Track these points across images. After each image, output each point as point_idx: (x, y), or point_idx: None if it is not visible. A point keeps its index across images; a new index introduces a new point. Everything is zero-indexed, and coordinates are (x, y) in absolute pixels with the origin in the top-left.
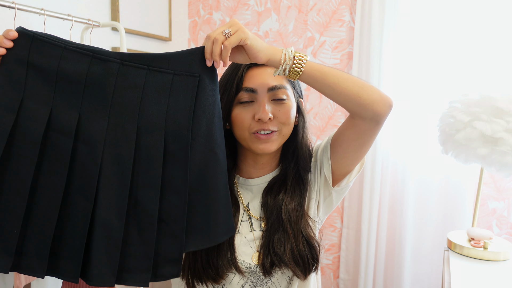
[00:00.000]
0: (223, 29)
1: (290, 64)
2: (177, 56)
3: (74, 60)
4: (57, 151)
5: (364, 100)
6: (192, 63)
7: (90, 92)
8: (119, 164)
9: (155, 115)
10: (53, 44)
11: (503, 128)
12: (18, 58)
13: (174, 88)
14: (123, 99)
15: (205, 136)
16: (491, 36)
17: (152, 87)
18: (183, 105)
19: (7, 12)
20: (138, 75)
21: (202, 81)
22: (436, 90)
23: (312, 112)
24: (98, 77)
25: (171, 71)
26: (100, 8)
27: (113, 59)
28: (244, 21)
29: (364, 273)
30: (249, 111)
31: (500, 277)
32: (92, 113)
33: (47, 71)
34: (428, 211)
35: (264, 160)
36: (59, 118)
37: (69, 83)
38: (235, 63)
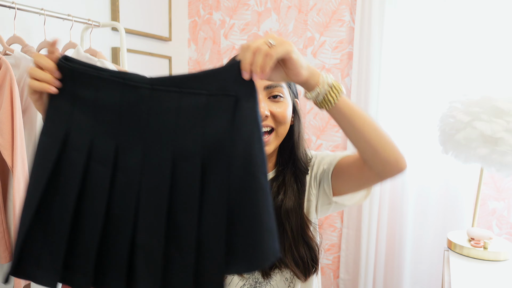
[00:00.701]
0: (266, 40)
1: (326, 90)
2: (210, 74)
3: (108, 89)
4: (98, 180)
5: (380, 156)
6: (227, 80)
7: (125, 120)
8: (157, 191)
9: (190, 140)
10: (89, 74)
11: (503, 128)
12: (63, 90)
13: (209, 111)
14: (158, 126)
15: (244, 159)
16: (491, 36)
17: (186, 111)
18: (219, 128)
19: (7, 12)
20: (171, 100)
21: (239, 100)
22: (436, 90)
23: (312, 112)
24: (131, 105)
25: (204, 92)
26: (100, 8)
27: (143, 85)
28: (244, 21)
29: (364, 273)
30: None
31: (500, 277)
32: (128, 141)
33: (86, 101)
34: (428, 211)
35: None
36: (99, 148)
37: (106, 112)
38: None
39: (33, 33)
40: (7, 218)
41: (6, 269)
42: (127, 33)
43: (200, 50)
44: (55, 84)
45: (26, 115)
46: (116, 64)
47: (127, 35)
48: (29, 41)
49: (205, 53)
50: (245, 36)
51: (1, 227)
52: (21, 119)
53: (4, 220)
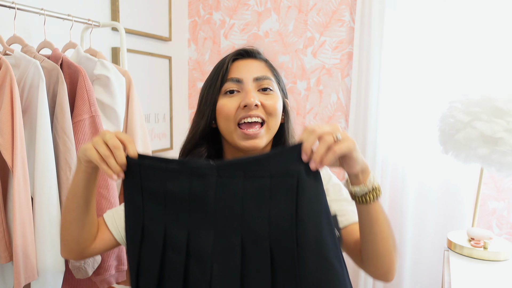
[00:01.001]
0: (333, 132)
1: (369, 190)
2: (272, 157)
3: (176, 179)
4: (173, 267)
5: (377, 261)
6: (289, 162)
7: (195, 208)
8: (228, 276)
9: (257, 224)
10: (157, 168)
11: (503, 128)
12: (133, 184)
13: (273, 193)
14: (225, 211)
15: (314, 242)
16: (491, 36)
17: (251, 195)
18: (284, 210)
19: (7, 12)
20: (236, 185)
21: (302, 181)
22: (436, 90)
23: (312, 112)
24: (199, 193)
25: (267, 175)
26: (100, 8)
27: (209, 173)
28: (244, 21)
29: (364, 273)
30: (235, 100)
31: (500, 277)
32: (199, 228)
33: (157, 193)
34: (428, 211)
35: None
36: (172, 236)
37: (176, 201)
38: (221, 59)
39: (33, 33)
40: (7, 218)
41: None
42: (127, 33)
43: (200, 50)
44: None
45: (26, 115)
46: (116, 64)
47: (127, 35)
48: (29, 41)
49: (205, 53)
50: (245, 36)
51: (1, 227)
52: (21, 119)
53: (4, 220)
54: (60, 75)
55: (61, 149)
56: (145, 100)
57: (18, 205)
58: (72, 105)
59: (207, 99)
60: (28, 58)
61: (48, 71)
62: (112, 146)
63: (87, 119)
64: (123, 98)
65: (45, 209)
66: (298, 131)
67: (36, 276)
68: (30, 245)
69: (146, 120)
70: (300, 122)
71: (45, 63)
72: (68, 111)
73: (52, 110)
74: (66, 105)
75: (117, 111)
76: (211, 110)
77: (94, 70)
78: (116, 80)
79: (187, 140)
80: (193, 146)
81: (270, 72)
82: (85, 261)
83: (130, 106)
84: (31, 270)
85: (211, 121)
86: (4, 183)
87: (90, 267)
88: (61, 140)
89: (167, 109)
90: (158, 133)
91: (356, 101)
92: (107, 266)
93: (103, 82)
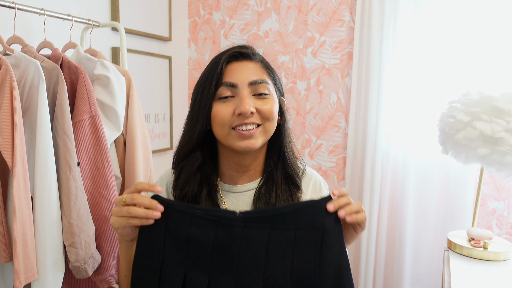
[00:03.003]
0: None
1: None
2: (298, 210)
3: (202, 226)
4: None
5: None
6: (314, 215)
7: (218, 255)
8: None
9: (279, 272)
10: (183, 212)
11: (503, 128)
12: (157, 225)
13: (297, 244)
14: (248, 260)
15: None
16: (491, 36)
17: (275, 245)
18: (307, 261)
19: (7, 12)
20: (261, 235)
21: (326, 234)
22: (436, 90)
23: (312, 112)
24: (224, 241)
25: (292, 227)
26: (100, 8)
27: (236, 224)
28: (244, 21)
29: (364, 273)
30: (230, 106)
31: (500, 277)
32: (220, 275)
33: (180, 237)
34: (428, 211)
35: (247, 162)
36: (192, 280)
37: (199, 247)
38: (215, 58)
39: (33, 33)
40: (7, 218)
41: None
42: (127, 33)
43: (200, 50)
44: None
45: (26, 115)
46: (116, 64)
47: (127, 35)
48: (29, 41)
49: (205, 53)
50: (245, 36)
51: (1, 227)
52: (21, 119)
53: (4, 220)
54: (60, 75)
55: (61, 149)
56: (145, 100)
57: (18, 205)
58: (72, 105)
59: (201, 104)
60: (28, 58)
61: (48, 71)
62: (130, 200)
63: (87, 119)
64: (123, 98)
65: (45, 209)
66: (298, 130)
67: (36, 276)
68: (30, 245)
69: (146, 120)
70: (300, 122)
71: (45, 63)
72: (68, 111)
73: (52, 110)
74: (66, 105)
75: (117, 111)
76: (205, 116)
77: (94, 70)
78: (116, 80)
79: (181, 145)
80: (188, 151)
81: (265, 73)
82: (85, 261)
83: (130, 106)
84: (31, 270)
85: (206, 127)
86: (4, 183)
87: (90, 267)
88: (61, 140)
89: (167, 109)
90: (158, 133)
91: (356, 101)
92: (107, 266)
93: (103, 82)
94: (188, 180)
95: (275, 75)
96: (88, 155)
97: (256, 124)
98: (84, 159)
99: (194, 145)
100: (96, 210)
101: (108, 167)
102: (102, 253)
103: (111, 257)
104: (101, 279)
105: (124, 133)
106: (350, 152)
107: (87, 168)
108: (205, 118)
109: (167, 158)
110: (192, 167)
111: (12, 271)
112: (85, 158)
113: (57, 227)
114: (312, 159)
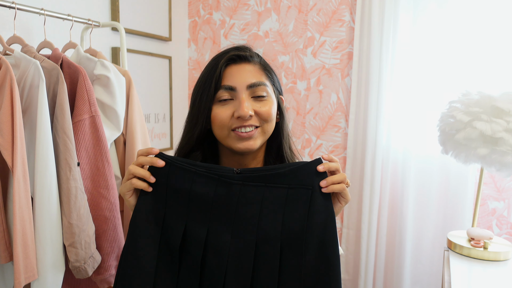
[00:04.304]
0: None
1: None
2: (292, 172)
3: (203, 183)
4: (191, 260)
5: None
6: (305, 176)
7: (217, 210)
8: (241, 271)
9: (272, 226)
10: (186, 169)
11: (503, 128)
12: (160, 181)
13: (288, 201)
14: (244, 214)
15: (319, 244)
16: (491, 36)
17: (269, 201)
18: (297, 216)
19: (7, 12)
20: (257, 192)
21: (315, 192)
22: (436, 90)
23: (312, 112)
24: (223, 197)
25: (285, 186)
26: (100, 8)
27: (236, 182)
28: (244, 21)
29: (364, 273)
30: (229, 109)
31: (500, 277)
32: (219, 227)
33: (182, 192)
34: (428, 211)
35: (247, 161)
36: (192, 232)
37: (200, 202)
38: (213, 60)
39: (33, 33)
40: (7, 218)
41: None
42: (127, 33)
43: (200, 50)
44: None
45: (26, 115)
46: (116, 64)
47: (127, 35)
48: (29, 41)
49: (205, 53)
50: (245, 36)
51: (1, 227)
52: (21, 119)
53: (4, 220)
54: (60, 75)
55: (61, 149)
56: (145, 100)
57: (18, 205)
58: (72, 105)
59: (200, 106)
60: (28, 58)
61: (48, 71)
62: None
63: (87, 119)
64: (123, 98)
65: (45, 209)
66: (298, 130)
67: (36, 276)
68: (30, 245)
69: (146, 120)
70: (300, 122)
71: (45, 63)
72: (68, 111)
73: (52, 110)
74: (66, 105)
75: (117, 111)
76: (205, 118)
77: (94, 70)
78: (116, 80)
79: (181, 145)
80: (188, 151)
81: (263, 75)
82: (85, 261)
83: (130, 106)
84: (31, 270)
85: (205, 128)
86: (4, 183)
87: (90, 267)
88: (61, 140)
89: (167, 109)
90: (158, 133)
91: (356, 101)
92: (107, 266)
93: (103, 82)
94: None
95: (273, 75)
96: (88, 155)
97: (255, 126)
98: (84, 159)
99: (194, 145)
100: (96, 210)
101: (108, 167)
102: (102, 253)
103: (111, 257)
104: (101, 279)
105: (124, 133)
106: (350, 152)
107: (87, 168)
108: (205, 120)
109: None
110: None
111: (12, 271)
112: (85, 158)
113: (57, 227)
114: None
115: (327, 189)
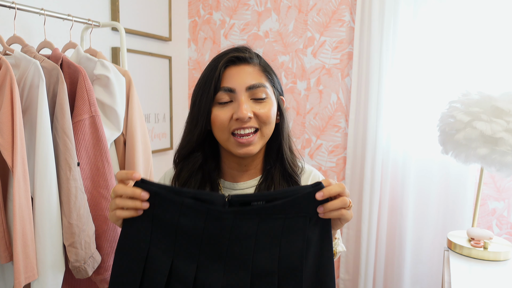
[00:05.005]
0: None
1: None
2: (289, 201)
3: (191, 216)
4: None
5: None
6: (304, 204)
7: (207, 245)
8: None
9: (268, 260)
10: (172, 200)
11: (503, 128)
12: (144, 212)
13: (285, 232)
14: (238, 249)
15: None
16: (491, 36)
17: (264, 234)
18: (295, 246)
19: (7, 12)
20: (251, 225)
21: (312, 221)
22: (436, 90)
23: (312, 112)
24: (213, 232)
25: (282, 216)
26: (100, 8)
27: (227, 216)
28: (244, 21)
29: (364, 273)
30: (228, 111)
31: (500, 277)
32: (209, 264)
33: (169, 225)
34: (428, 211)
35: (247, 162)
36: (180, 269)
37: (188, 236)
38: (213, 62)
39: (33, 33)
40: (7, 218)
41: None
42: (127, 33)
43: (200, 50)
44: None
45: (26, 115)
46: (116, 64)
47: (127, 35)
48: (29, 41)
49: (205, 53)
50: (245, 36)
51: (1, 227)
52: (21, 119)
53: (4, 220)
54: (60, 75)
55: (61, 149)
56: (145, 100)
57: (18, 205)
58: (72, 105)
59: (200, 107)
60: (28, 58)
61: (48, 71)
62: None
63: (87, 119)
64: (123, 98)
65: (45, 209)
66: (298, 130)
67: (36, 276)
68: (30, 245)
69: (146, 120)
70: (300, 122)
71: (45, 63)
72: (68, 111)
73: (52, 110)
74: (66, 105)
75: (117, 111)
76: (205, 119)
77: (94, 70)
78: (116, 80)
79: (181, 146)
80: (188, 152)
81: (263, 76)
82: (85, 261)
83: (130, 106)
84: (31, 270)
85: (205, 129)
86: (4, 183)
87: (90, 267)
88: (61, 140)
89: (167, 109)
90: (158, 133)
91: (356, 101)
92: (107, 266)
93: (103, 82)
94: (189, 179)
95: (273, 76)
96: (88, 155)
97: (254, 128)
98: (84, 159)
99: (194, 146)
100: (96, 210)
101: (108, 167)
102: (102, 253)
103: (111, 257)
104: (101, 279)
105: (124, 133)
106: (350, 152)
107: (87, 168)
108: (204, 121)
109: (167, 158)
110: (193, 166)
111: (12, 271)
112: (85, 158)
113: (57, 227)
114: (312, 159)
115: (325, 216)
